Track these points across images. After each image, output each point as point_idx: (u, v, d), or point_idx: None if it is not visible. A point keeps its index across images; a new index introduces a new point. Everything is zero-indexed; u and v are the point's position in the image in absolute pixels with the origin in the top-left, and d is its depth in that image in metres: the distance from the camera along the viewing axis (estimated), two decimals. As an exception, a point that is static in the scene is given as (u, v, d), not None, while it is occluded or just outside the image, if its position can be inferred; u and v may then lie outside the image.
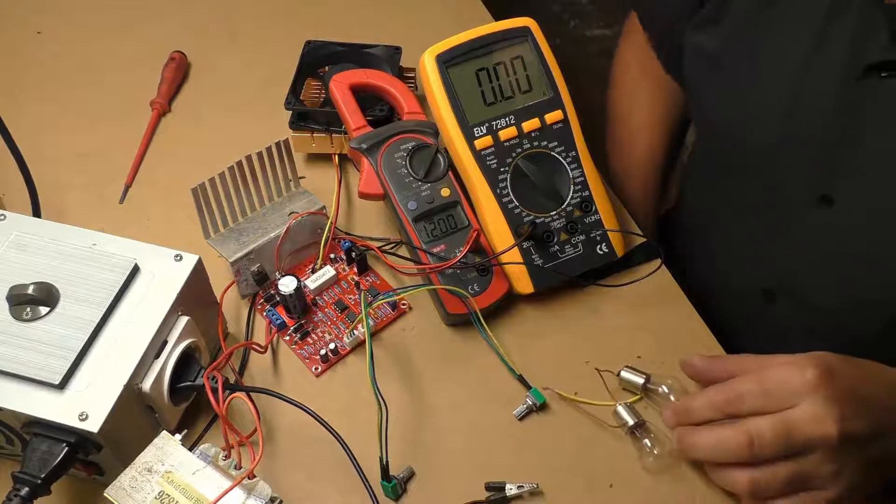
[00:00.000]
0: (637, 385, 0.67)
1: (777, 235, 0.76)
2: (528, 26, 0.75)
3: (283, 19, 0.98)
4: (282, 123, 0.80)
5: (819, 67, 0.68)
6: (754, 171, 0.76)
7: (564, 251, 0.73)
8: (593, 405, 0.67)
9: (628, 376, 0.67)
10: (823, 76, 0.68)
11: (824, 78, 0.68)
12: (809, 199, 0.71)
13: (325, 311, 0.73)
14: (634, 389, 0.67)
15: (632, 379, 0.67)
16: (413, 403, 0.68)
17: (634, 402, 0.66)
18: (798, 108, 0.70)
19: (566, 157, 0.74)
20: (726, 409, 0.59)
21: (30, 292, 0.60)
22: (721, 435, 0.58)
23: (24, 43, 0.96)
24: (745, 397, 0.58)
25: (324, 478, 0.64)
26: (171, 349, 0.61)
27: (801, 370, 0.57)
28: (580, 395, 0.67)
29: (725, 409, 0.59)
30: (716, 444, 0.59)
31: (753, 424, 0.56)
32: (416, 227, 0.71)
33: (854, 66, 0.66)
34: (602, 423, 0.67)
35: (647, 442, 0.64)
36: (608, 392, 0.67)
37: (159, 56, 0.92)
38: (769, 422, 0.56)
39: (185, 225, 0.74)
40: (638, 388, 0.67)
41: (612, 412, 0.66)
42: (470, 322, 0.70)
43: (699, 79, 0.81)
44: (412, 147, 0.73)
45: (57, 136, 0.86)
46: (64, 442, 0.56)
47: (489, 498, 0.63)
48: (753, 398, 0.58)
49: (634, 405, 0.66)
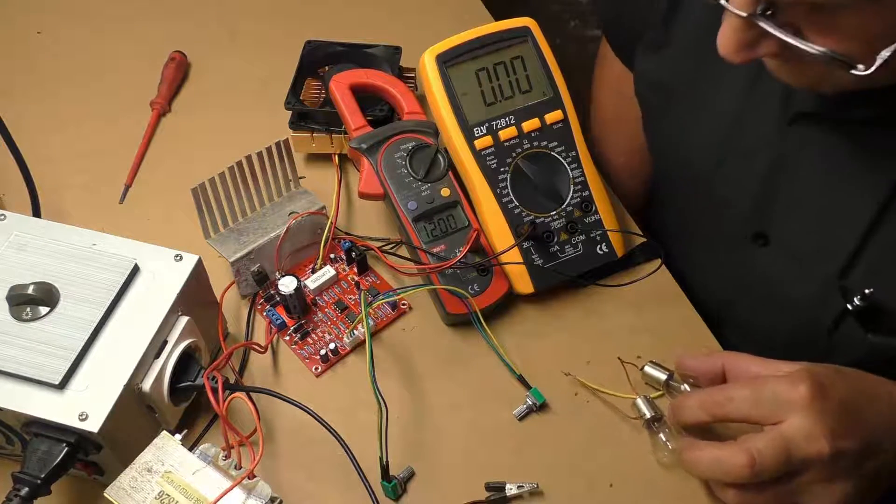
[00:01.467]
0: (659, 381, 0.67)
1: (718, 265, 0.77)
2: (528, 26, 0.75)
3: (283, 19, 0.98)
4: (282, 123, 0.80)
5: (753, 108, 0.68)
6: (697, 198, 0.77)
7: (564, 251, 0.73)
8: (614, 396, 0.67)
9: (652, 371, 0.67)
10: (757, 118, 0.68)
11: (758, 119, 0.68)
12: (745, 234, 0.71)
13: (325, 311, 0.73)
14: (656, 385, 0.67)
15: (655, 374, 0.67)
16: (413, 403, 0.68)
17: (656, 398, 0.66)
18: (732, 147, 0.70)
19: (566, 157, 0.74)
20: (715, 411, 0.59)
21: (30, 292, 0.60)
22: (722, 454, 0.58)
23: (24, 43, 0.96)
24: (735, 402, 0.58)
25: (324, 478, 0.64)
26: (171, 349, 0.61)
27: (794, 384, 0.57)
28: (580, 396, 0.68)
29: (714, 411, 0.60)
30: (716, 463, 0.58)
31: (754, 446, 0.56)
32: (416, 227, 0.71)
33: (785, 111, 0.66)
34: (602, 423, 0.67)
35: (662, 436, 0.64)
36: (628, 381, 0.67)
37: (159, 56, 0.92)
38: (766, 441, 0.56)
39: (185, 225, 0.74)
40: (660, 383, 0.67)
41: (630, 404, 0.66)
42: (470, 322, 0.70)
43: (646, 101, 0.82)
44: (412, 147, 0.73)
45: (57, 136, 0.86)
46: (64, 442, 0.56)
47: (489, 498, 0.63)
48: (743, 404, 0.58)
49: (655, 400, 0.66)
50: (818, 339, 0.68)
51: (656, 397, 0.67)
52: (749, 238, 0.71)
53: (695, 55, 0.72)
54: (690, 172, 0.76)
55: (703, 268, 0.79)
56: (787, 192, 0.68)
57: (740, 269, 0.74)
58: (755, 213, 0.70)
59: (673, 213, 0.87)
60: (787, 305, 0.70)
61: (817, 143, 0.65)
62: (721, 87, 0.71)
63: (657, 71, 0.78)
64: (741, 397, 0.58)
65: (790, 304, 0.70)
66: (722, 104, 0.71)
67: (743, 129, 0.70)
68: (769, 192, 0.69)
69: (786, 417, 0.56)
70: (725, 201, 0.72)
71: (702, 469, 0.60)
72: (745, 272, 0.73)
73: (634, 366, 0.68)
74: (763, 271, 0.71)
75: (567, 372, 0.68)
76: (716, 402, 0.60)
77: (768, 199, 0.69)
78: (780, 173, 0.67)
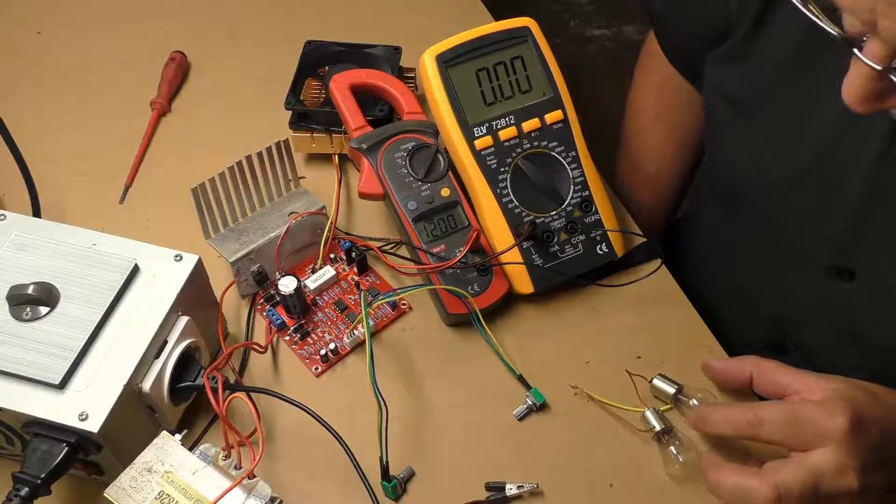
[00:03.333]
0: (668, 394, 0.66)
1: (781, 290, 0.74)
2: (528, 26, 0.75)
3: (283, 19, 0.98)
4: (282, 123, 0.80)
5: (853, 138, 0.64)
6: (763, 219, 0.73)
7: (564, 251, 0.73)
8: (622, 409, 0.66)
9: (660, 384, 0.66)
10: (854, 150, 0.64)
11: (855, 151, 0.64)
12: (821, 266, 0.69)
13: (325, 311, 0.73)
14: (665, 398, 0.66)
15: (663, 388, 0.66)
16: (413, 403, 0.68)
17: (665, 411, 0.66)
18: (821, 175, 0.67)
19: (566, 156, 0.74)
20: (745, 430, 0.58)
21: (30, 292, 0.60)
22: (748, 484, 0.56)
23: (24, 43, 0.96)
24: (766, 425, 0.56)
25: (324, 478, 0.64)
26: (171, 349, 0.61)
27: (832, 415, 0.55)
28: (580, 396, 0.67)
29: (744, 430, 0.58)
30: (739, 492, 0.56)
31: (781, 480, 0.54)
32: (416, 227, 0.71)
33: (891, 148, 0.61)
34: (602, 423, 0.67)
35: (672, 449, 0.63)
36: (638, 396, 0.66)
37: (159, 56, 0.92)
38: (795, 475, 0.54)
39: (185, 225, 0.74)
40: (669, 397, 0.66)
41: (639, 417, 0.65)
42: (470, 322, 0.70)
43: (716, 113, 0.77)
44: (412, 147, 0.73)
45: (57, 136, 0.86)
46: (64, 442, 0.56)
47: (489, 498, 0.63)
48: (776, 429, 0.56)
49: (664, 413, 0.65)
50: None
51: (665, 410, 0.66)
52: (824, 270, 0.68)
53: (782, 73, 0.68)
54: (759, 190, 0.72)
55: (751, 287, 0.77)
56: (883, 228, 0.64)
57: (808, 298, 0.71)
58: (840, 246, 0.67)
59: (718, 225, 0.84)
60: (865, 343, 0.68)
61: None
62: (816, 108, 0.66)
63: (732, 82, 0.73)
64: (775, 421, 0.56)
65: (870, 343, 0.67)
66: (814, 128, 0.66)
67: (836, 157, 0.65)
68: (859, 226, 0.65)
69: (818, 446, 0.54)
70: (798, 227, 0.70)
71: (722, 493, 0.58)
72: (814, 302, 0.71)
73: (643, 378, 0.67)
74: (842, 306, 0.69)
75: (574, 385, 0.68)
76: (747, 421, 0.58)
77: (859, 234, 0.66)
78: (877, 209, 0.64)
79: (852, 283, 0.68)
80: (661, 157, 0.94)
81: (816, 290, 0.71)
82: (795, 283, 0.73)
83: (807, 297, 0.72)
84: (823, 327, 0.72)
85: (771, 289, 0.77)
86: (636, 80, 0.96)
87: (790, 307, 0.75)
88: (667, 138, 0.93)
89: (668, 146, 0.93)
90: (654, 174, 0.95)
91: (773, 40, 0.68)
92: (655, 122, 0.94)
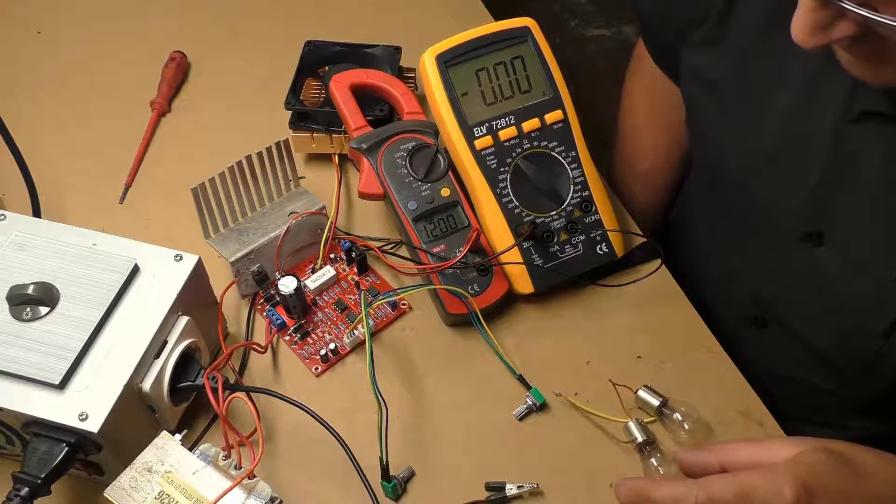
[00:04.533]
0: (652, 406, 0.66)
1: (763, 265, 0.76)
2: (528, 26, 0.75)
3: (283, 19, 0.98)
4: (282, 123, 0.80)
5: (813, 106, 0.66)
6: (743, 197, 0.75)
7: (564, 251, 0.73)
8: (604, 418, 0.66)
9: (645, 396, 0.66)
10: (817, 116, 0.66)
11: (818, 118, 0.66)
12: (795, 234, 0.70)
13: (325, 311, 0.73)
14: (649, 410, 0.66)
15: (648, 400, 0.66)
16: (413, 403, 0.68)
17: (649, 423, 0.66)
18: (789, 146, 0.69)
19: (566, 157, 0.74)
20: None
21: (30, 292, 0.60)
22: None
23: (24, 43, 0.96)
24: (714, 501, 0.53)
25: (324, 478, 0.64)
26: (171, 349, 0.61)
27: (780, 486, 0.51)
28: (580, 396, 0.67)
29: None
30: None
31: None
32: (416, 227, 0.71)
33: (849, 110, 0.64)
34: (602, 423, 0.67)
35: (653, 461, 0.63)
36: (621, 405, 0.66)
37: (159, 56, 0.92)
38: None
39: (185, 225, 0.74)
40: (653, 409, 0.66)
41: (622, 427, 0.65)
42: (470, 322, 0.70)
43: (695, 98, 0.79)
44: (412, 147, 0.73)
45: (57, 136, 0.86)
46: (64, 442, 0.56)
47: (489, 498, 0.63)
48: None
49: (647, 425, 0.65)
50: (868, 344, 0.66)
51: (649, 422, 0.66)
52: (799, 237, 0.70)
53: (751, 53, 0.71)
54: (737, 170, 0.74)
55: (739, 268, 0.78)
56: (846, 192, 0.66)
57: (786, 269, 0.72)
58: (809, 211, 0.69)
59: (707, 214, 0.85)
60: (838, 307, 0.68)
61: (883, 143, 0.63)
62: (779, 84, 0.69)
63: (708, 67, 0.75)
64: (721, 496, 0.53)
65: (841, 306, 0.68)
66: (779, 102, 0.69)
67: (800, 127, 0.68)
68: (826, 191, 0.67)
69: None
70: (774, 200, 0.71)
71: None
72: (791, 272, 0.72)
73: (629, 388, 0.67)
74: (814, 271, 0.70)
75: (558, 393, 0.67)
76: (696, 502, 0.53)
77: (825, 199, 0.67)
78: (841, 172, 0.66)
79: (821, 248, 0.69)
80: (654, 154, 0.96)
81: (792, 260, 0.72)
82: (774, 256, 0.74)
83: (784, 268, 0.73)
84: (801, 298, 0.73)
85: (753, 266, 0.78)
86: (628, 80, 0.98)
87: (770, 281, 0.76)
88: (658, 136, 0.95)
89: (660, 144, 0.95)
90: (647, 171, 0.97)
91: (740, 22, 0.71)
92: (647, 121, 0.96)
